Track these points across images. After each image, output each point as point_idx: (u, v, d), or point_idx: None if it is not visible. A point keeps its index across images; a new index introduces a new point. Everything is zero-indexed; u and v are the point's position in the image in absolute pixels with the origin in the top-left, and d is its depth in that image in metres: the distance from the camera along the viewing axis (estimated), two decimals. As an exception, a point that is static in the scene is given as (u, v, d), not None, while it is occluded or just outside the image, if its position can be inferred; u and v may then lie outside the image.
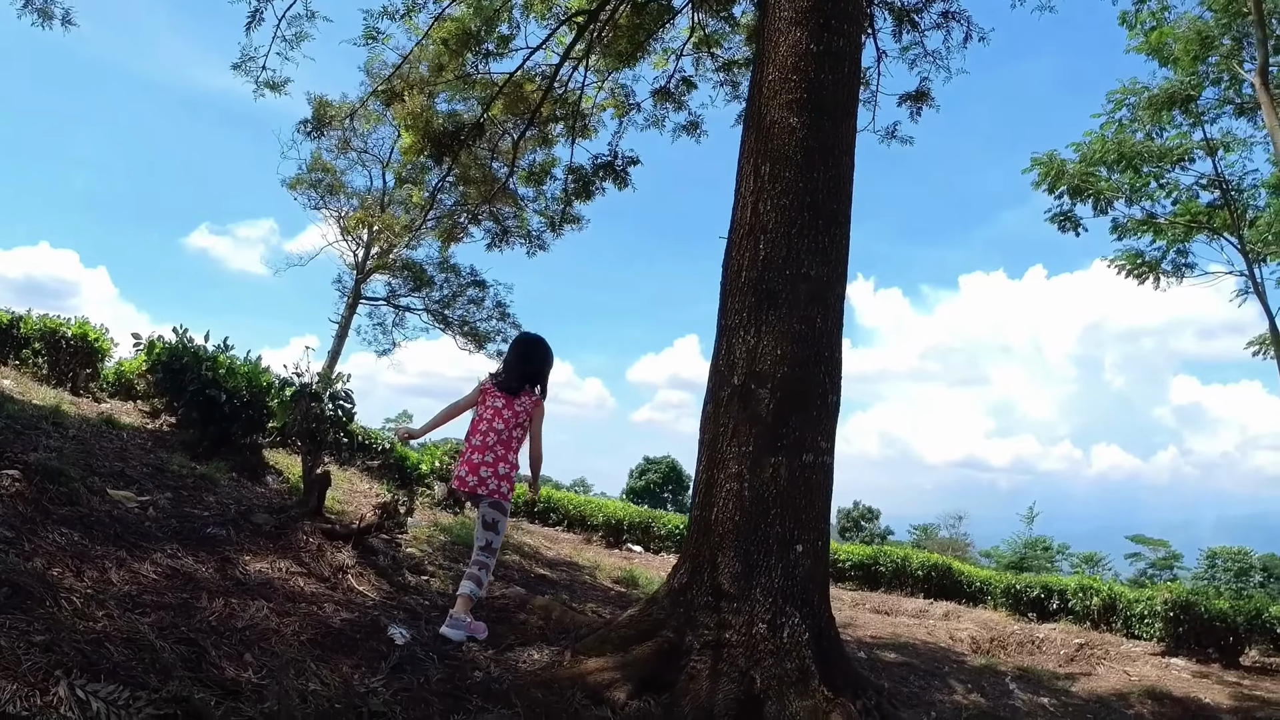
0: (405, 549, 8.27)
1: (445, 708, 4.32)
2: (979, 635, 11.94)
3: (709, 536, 4.83)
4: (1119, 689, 10.14)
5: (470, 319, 30.74)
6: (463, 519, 12.01)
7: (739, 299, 5.03)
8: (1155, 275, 20.37)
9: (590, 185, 12.91)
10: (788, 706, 4.42)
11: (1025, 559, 28.18)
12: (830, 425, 4.87)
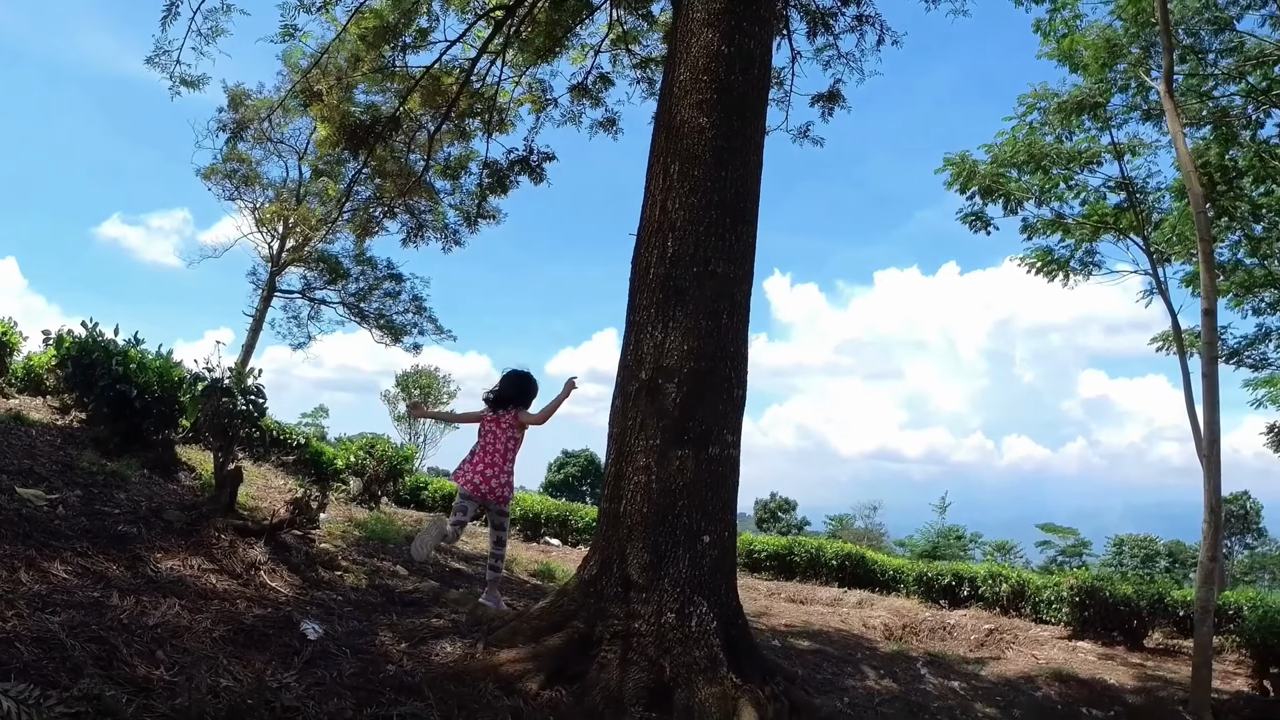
0: (319, 544, 8.21)
1: (358, 701, 4.33)
2: (891, 622, 12.24)
3: (618, 529, 4.91)
4: (1027, 672, 10.51)
5: (387, 312, 30.44)
6: (378, 514, 11.93)
7: (647, 295, 5.11)
8: (1064, 274, 21.08)
9: (505, 180, 12.88)
10: (697, 694, 4.52)
11: (939, 548, 28.89)
12: (736, 419, 4.99)
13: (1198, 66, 17.85)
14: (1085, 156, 18.85)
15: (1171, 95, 12.64)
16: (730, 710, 4.45)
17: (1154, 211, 20.37)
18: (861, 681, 8.94)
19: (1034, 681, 10.08)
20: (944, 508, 29.38)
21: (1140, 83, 17.94)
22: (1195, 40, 17.95)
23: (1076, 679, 10.51)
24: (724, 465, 4.87)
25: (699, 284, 5.00)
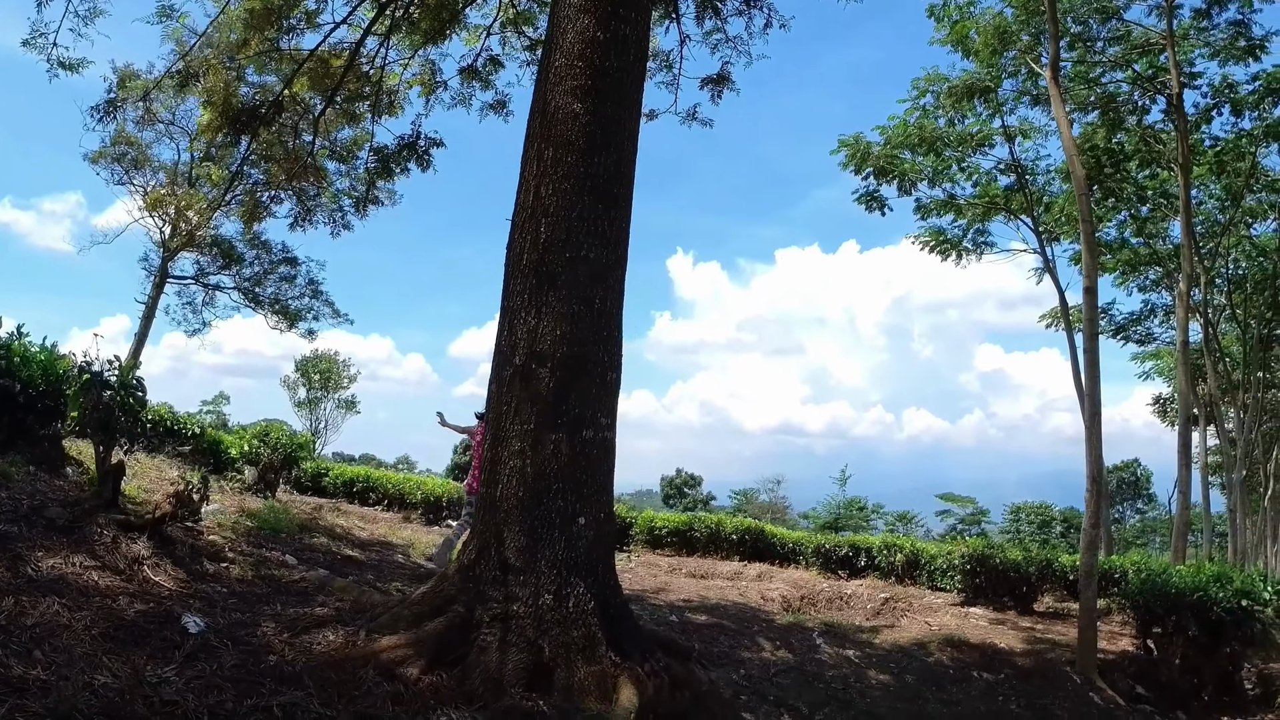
0: (208, 536, 8.08)
1: (239, 693, 4.33)
2: (790, 594, 12.56)
3: (495, 512, 4.96)
4: (920, 638, 10.90)
5: (283, 297, 29.91)
6: (272, 504, 11.75)
7: (521, 281, 5.15)
8: (957, 253, 21.78)
9: (391, 165, 12.71)
10: (576, 673, 4.61)
11: (840, 519, 29.65)
12: (610, 402, 5.07)
13: (1085, 54, 18.51)
14: (977, 139, 19.44)
15: (1057, 81, 13.16)
16: (610, 688, 4.55)
17: (1044, 194, 21.13)
18: (758, 653, 9.18)
19: (927, 647, 10.47)
20: (844, 480, 30.13)
21: (1029, 69, 18.52)
22: (1084, 28, 18.61)
23: (968, 644, 10.95)
24: (598, 448, 4.95)
25: (572, 269, 5.06)
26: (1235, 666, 12.80)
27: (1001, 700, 9.75)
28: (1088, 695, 10.49)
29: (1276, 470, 39.64)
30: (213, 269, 29.73)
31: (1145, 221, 23.42)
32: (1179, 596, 11.72)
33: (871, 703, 8.61)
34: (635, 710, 4.32)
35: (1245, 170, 21.08)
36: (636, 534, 17.90)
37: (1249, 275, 28.15)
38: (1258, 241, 26.53)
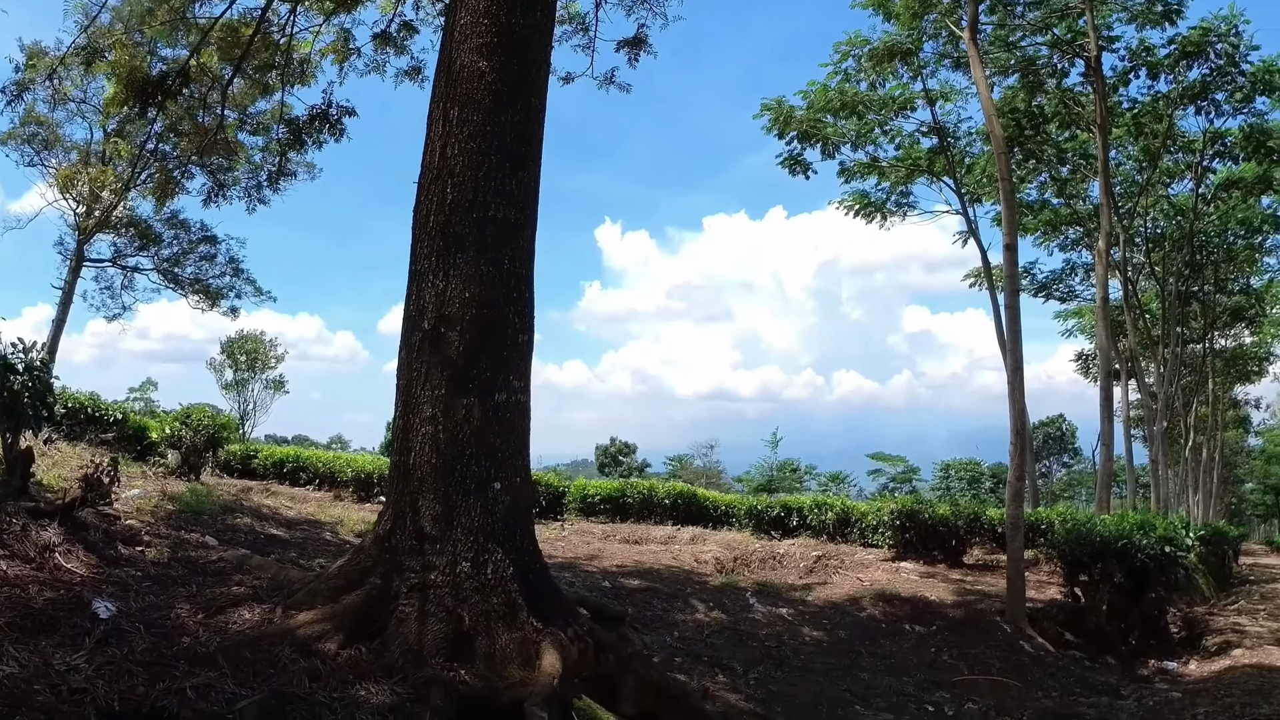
0: (125, 521, 7.86)
1: (150, 677, 4.23)
2: (723, 556, 12.65)
3: (409, 481, 4.87)
4: (852, 594, 11.07)
5: (203, 276, 29.23)
6: (195, 486, 11.50)
7: (428, 244, 5.04)
8: (881, 215, 22.05)
9: (304, 135, 12.36)
10: (497, 641, 4.56)
11: (773, 481, 30.02)
12: (523, 364, 5.00)
13: (1006, 17, 18.70)
14: (898, 103, 19.61)
15: (976, 43, 13.31)
16: (533, 654, 4.51)
17: (965, 155, 21.42)
18: (691, 615, 9.24)
19: (859, 603, 10.64)
20: (776, 443, 30.47)
21: (950, 32, 18.68)
22: (1004, -9, 18.85)
23: (900, 597, 11.15)
24: (512, 411, 4.87)
25: (479, 230, 4.96)
26: (1160, 611, 13.25)
27: (934, 651, 9.95)
28: (1018, 643, 10.76)
29: (1196, 422, 41.10)
30: (130, 250, 28.92)
31: (1065, 182, 23.93)
32: (1104, 545, 12.07)
33: (805, 659, 8.73)
34: (559, 675, 4.29)
35: (1162, 132, 21.62)
36: (570, 503, 17.90)
37: (1167, 234, 28.97)
38: (1175, 201, 27.30)
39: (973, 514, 14.50)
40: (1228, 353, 41.70)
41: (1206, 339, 36.52)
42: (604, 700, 4.73)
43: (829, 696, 7.89)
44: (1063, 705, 9.04)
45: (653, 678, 4.84)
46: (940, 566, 13.60)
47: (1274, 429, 64.70)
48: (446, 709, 4.10)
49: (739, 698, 7.29)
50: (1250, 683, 9.62)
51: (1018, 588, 11.25)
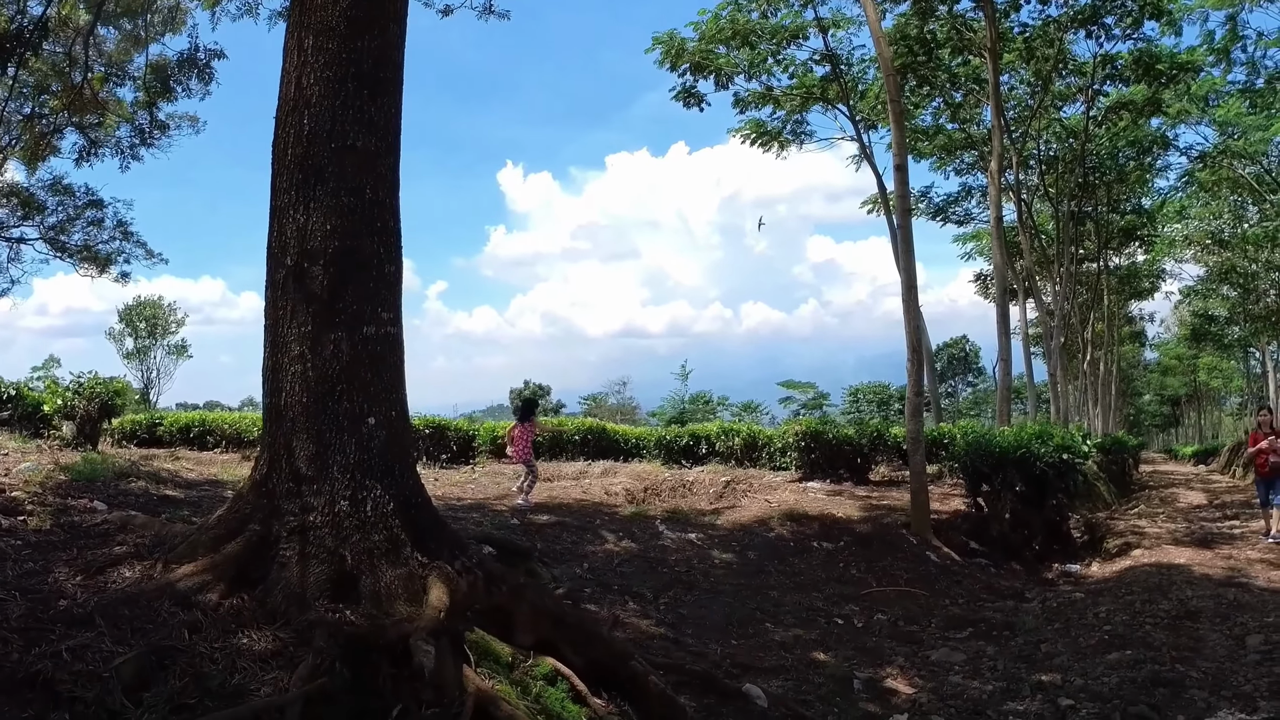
0: (9, 493, 7.53)
1: (26, 643, 4.08)
2: (633, 487, 12.74)
3: (281, 422, 4.73)
4: (761, 516, 11.24)
5: (92, 242, 27.87)
6: (89, 455, 11.09)
7: (287, 177, 4.85)
8: (778, 143, 22.17)
9: (172, 82, 11.75)
10: (381, 578, 4.48)
11: (686, 414, 30.35)
12: (391, 295, 4.86)
13: (895, -57, 18.79)
14: (790, 31, 19.59)
15: (864, -32, 13.33)
16: (419, 589, 4.45)
17: (859, 82, 21.57)
18: (601, 546, 9.29)
19: (768, 524, 10.82)
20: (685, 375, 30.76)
21: (840, -42, 18.71)
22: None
23: (807, 516, 11.37)
24: (382, 344, 4.75)
25: (339, 160, 4.77)
26: (1062, 517, 13.80)
27: (842, 566, 10.19)
28: (924, 554, 11.09)
29: (1093, 338, 42.69)
30: (13, 221, 27.43)
31: (959, 107, 24.30)
32: (1003, 455, 12.48)
33: (715, 581, 8.86)
34: (445, 609, 4.23)
35: (1053, 56, 22.04)
36: (480, 446, 17.88)
37: (1060, 156, 29.74)
38: (1067, 123, 27.98)
39: (876, 432, 14.85)
40: (1122, 270, 43.33)
41: (1101, 257, 37.84)
42: (499, 631, 4.71)
43: (739, 616, 8.02)
44: (969, 611, 9.36)
45: (548, 606, 4.82)
46: (847, 485, 13.92)
47: (1168, 343, 67.61)
48: (331, 650, 4.02)
49: (650, 623, 7.37)
50: (1150, 580, 10.09)
51: (921, 500, 11.57)
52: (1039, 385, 30.13)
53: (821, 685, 6.64)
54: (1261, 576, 9.97)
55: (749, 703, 5.95)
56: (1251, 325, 44.77)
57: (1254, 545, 11.99)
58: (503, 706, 3.93)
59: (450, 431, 18.90)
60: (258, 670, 4.06)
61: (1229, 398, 78.54)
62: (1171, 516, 17.29)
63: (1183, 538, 13.65)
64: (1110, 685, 6.39)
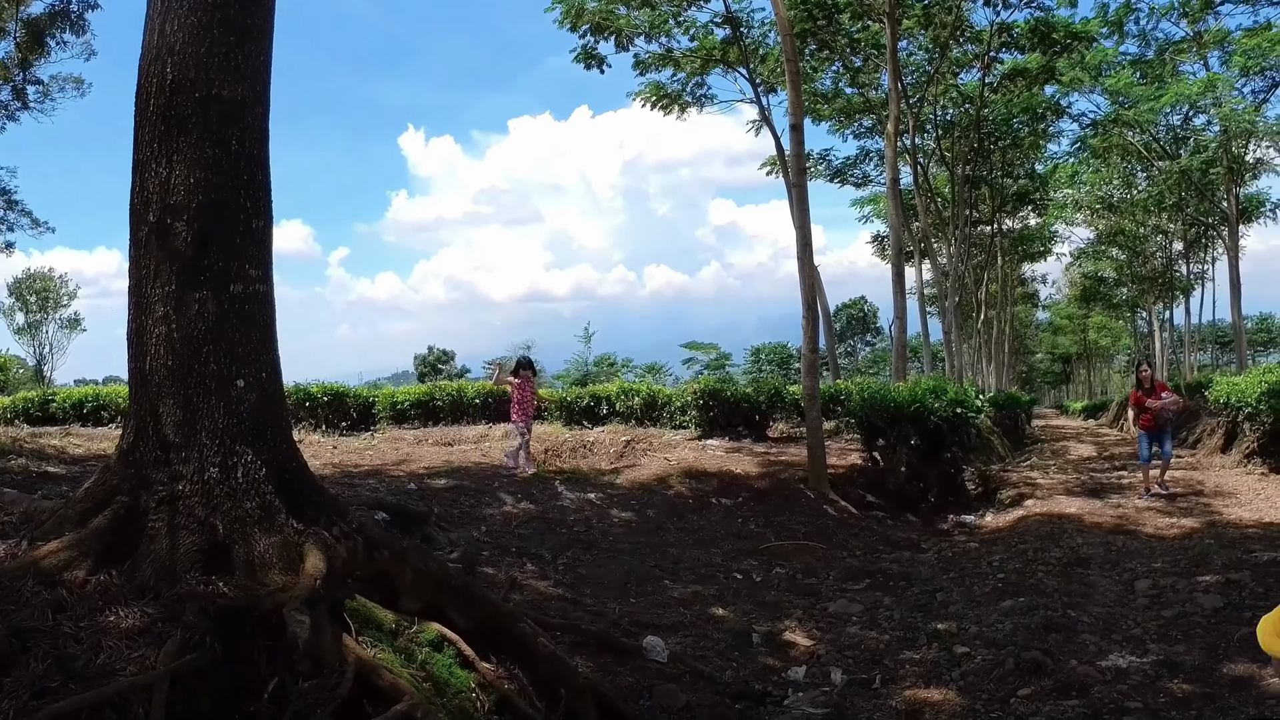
0: None
1: None
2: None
3: (147, 388, 4.49)
4: (660, 474, 11.30)
5: (-28, 213, 26.21)
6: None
7: (149, 129, 4.56)
8: (678, 106, 22.18)
9: (44, 36, 11.00)
10: (255, 546, 4.31)
11: (589, 377, 30.41)
12: (259, 252, 4.64)
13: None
14: (691, -9, 19.53)
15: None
16: (295, 557, 4.29)
17: (760, 46, 21.64)
18: (499, 508, 9.21)
19: (666, 482, 10.88)
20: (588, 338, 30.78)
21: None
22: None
23: (706, 473, 11.47)
24: (251, 303, 4.53)
25: (203, 110, 4.51)
26: (956, 469, 14.24)
27: (741, 522, 10.33)
28: (822, 509, 11.31)
29: (988, 298, 44.10)
30: (-111, 193, 25.64)
31: (858, 72, 24.62)
32: (898, 409, 12.78)
33: (614, 540, 8.88)
34: (323, 576, 4.09)
35: (951, 23, 22.44)
36: (380, 412, 17.65)
37: (956, 121, 30.41)
38: (964, 89, 28.60)
39: (774, 389, 15.07)
40: (1015, 233, 44.79)
41: (995, 220, 38.99)
42: (384, 598, 4.60)
43: (638, 574, 8.06)
44: (866, 562, 9.60)
45: (432, 570, 4.72)
46: (745, 442, 14.10)
47: (1059, 303, 70.30)
48: (202, 624, 3.86)
49: (548, 584, 7.34)
50: (1041, 529, 10.48)
51: (818, 455, 11.78)
52: (935, 344, 30.97)
53: (720, 640, 6.72)
54: (1149, 524, 10.44)
55: (647, 660, 5.99)
56: (1138, 286, 46.95)
57: (1141, 494, 12.58)
58: (384, 675, 3.84)
59: (349, 399, 18.72)
60: (124, 649, 3.86)
61: (1117, 356, 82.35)
62: (1063, 468, 18.04)
63: (1074, 488, 14.26)
64: (1004, 632, 6.59)
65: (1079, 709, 5.09)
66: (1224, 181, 29.13)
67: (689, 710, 5.35)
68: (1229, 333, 40.74)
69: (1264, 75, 26.42)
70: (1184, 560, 8.50)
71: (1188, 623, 6.65)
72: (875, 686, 5.88)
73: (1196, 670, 5.61)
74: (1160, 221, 39.85)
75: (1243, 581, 7.50)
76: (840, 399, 15.61)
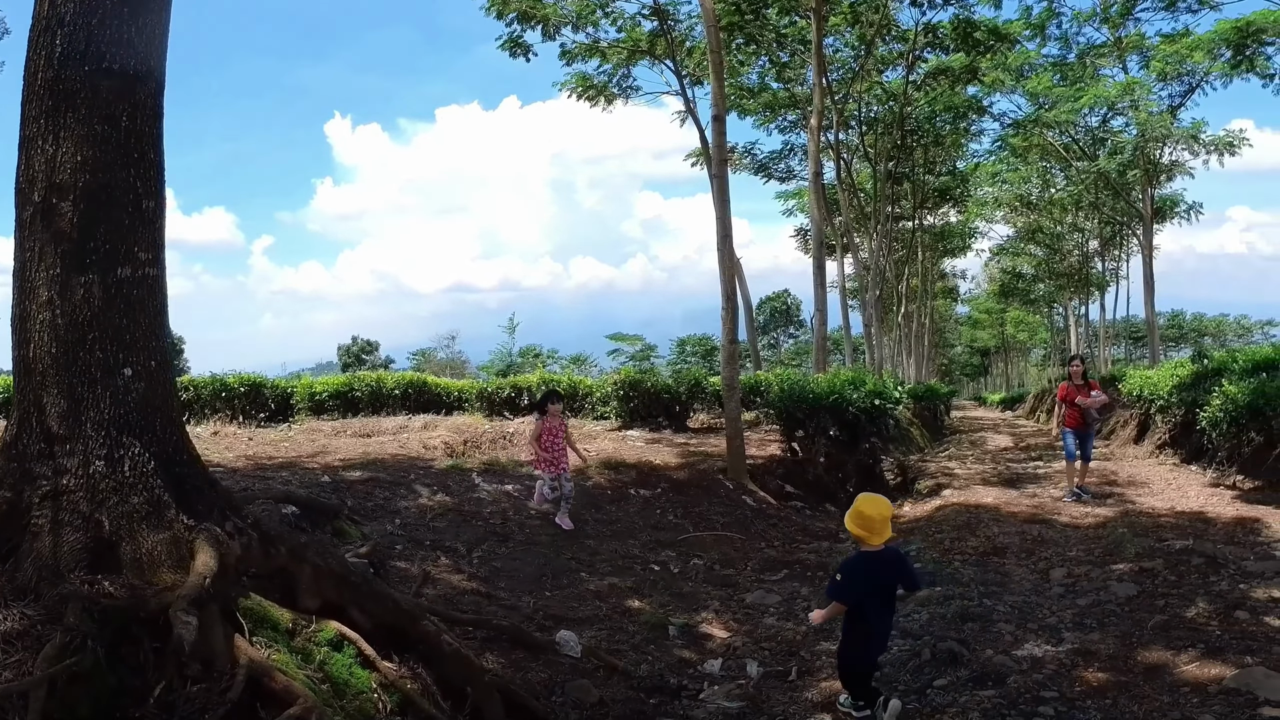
0: None
1: None
2: (452, 440, 12.49)
3: (30, 377, 4.26)
4: (578, 465, 11.25)
5: None
6: None
7: (36, 104, 4.32)
8: (605, 97, 22.12)
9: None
10: (143, 543, 4.12)
11: (513, 367, 30.26)
12: (150, 234, 4.42)
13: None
14: (619, -18, 19.45)
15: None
16: (185, 554, 4.11)
17: (687, 38, 21.68)
18: (415, 501, 9.03)
19: (585, 473, 10.78)
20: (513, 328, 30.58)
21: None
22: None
23: (625, 464, 11.43)
24: (139, 287, 4.32)
25: (92, 84, 4.27)
26: (875, 460, 14.47)
27: (659, 513, 10.32)
28: (740, 499, 11.35)
29: (908, 292, 44.96)
30: None
31: (784, 67, 24.81)
32: (818, 400, 12.92)
33: (530, 533, 8.77)
34: (213, 574, 3.92)
35: (878, 21, 22.75)
36: (298, 403, 17.25)
37: (880, 117, 30.88)
38: (888, 87, 29.05)
39: (694, 380, 15.14)
40: (936, 229, 45.76)
41: (917, 216, 39.77)
42: (281, 597, 4.44)
43: (554, 566, 7.98)
44: (784, 553, 9.66)
45: (332, 566, 4.56)
46: (665, 432, 14.12)
47: (978, 298, 72.12)
48: (84, 626, 3.66)
49: (462, 578, 7.23)
50: (959, 518, 10.66)
51: (737, 445, 11.84)
52: (856, 337, 31.51)
53: (636, 633, 6.69)
54: (1064, 513, 10.68)
55: (560, 655, 5.92)
56: (1055, 282, 48.38)
57: (1057, 484, 12.86)
58: (277, 677, 3.70)
59: (267, 389, 18.42)
60: (1, 654, 3.67)
61: (1034, 349, 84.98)
62: (980, 459, 18.47)
63: (990, 478, 14.59)
64: (920, 621, 6.66)
65: (995, 699, 5.14)
66: (1140, 183, 30.03)
67: (602, 706, 5.30)
68: (1142, 328, 42.17)
69: (1180, 80, 27.28)
70: (1098, 549, 8.71)
71: (1102, 611, 6.79)
72: (791, 678, 5.90)
73: (1111, 658, 5.71)
74: (1077, 220, 41.05)
75: (1156, 570, 7.70)
76: (760, 390, 15.73)
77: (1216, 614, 6.43)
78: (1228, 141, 27.08)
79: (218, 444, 11.61)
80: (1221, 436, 13.10)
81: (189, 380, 19.30)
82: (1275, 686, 4.94)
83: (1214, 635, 5.98)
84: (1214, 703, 4.89)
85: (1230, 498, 11.15)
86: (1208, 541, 8.58)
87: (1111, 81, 28.92)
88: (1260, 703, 4.79)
